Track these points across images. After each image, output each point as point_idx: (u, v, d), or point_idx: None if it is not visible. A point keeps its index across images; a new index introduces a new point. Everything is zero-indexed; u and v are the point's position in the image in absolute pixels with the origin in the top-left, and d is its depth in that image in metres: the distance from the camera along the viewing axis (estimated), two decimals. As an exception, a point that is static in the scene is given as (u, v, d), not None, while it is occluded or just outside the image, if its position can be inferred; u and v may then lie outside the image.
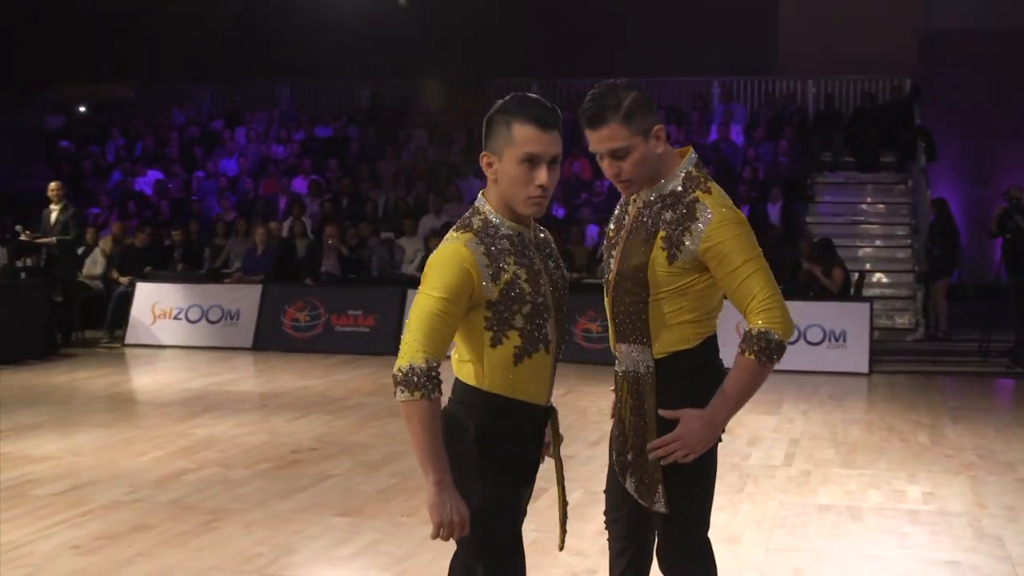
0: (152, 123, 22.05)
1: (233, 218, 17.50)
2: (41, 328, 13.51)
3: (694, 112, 20.19)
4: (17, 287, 13.59)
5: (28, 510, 6.90)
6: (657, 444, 3.59)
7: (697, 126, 19.82)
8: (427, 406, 3.24)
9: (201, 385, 11.69)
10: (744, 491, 7.58)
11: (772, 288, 3.59)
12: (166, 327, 14.67)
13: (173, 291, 14.82)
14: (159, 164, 20.56)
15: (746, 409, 10.31)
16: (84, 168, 20.52)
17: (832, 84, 20.55)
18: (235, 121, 21.78)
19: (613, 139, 3.59)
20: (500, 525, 3.43)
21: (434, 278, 3.30)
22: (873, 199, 18.44)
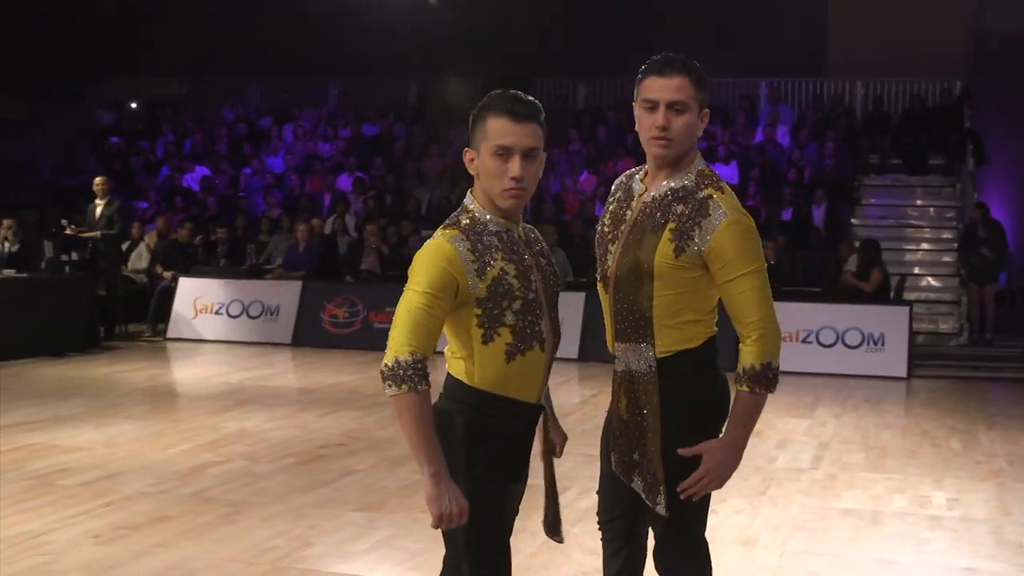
0: (202, 120, 22.27)
1: (278, 215, 17.65)
2: (84, 321, 13.68)
3: (740, 113, 20.08)
4: (61, 281, 13.78)
5: (53, 499, 7.00)
6: (687, 484, 3.59)
7: (743, 127, 19.72)
8: (415, 398, 3.25)
9: (238, 380, 11.80)
10: (766, 494, 7.54)
11: (768, 306, 3.59)
12: (207, 322, 14.82)
13: (215, 286, 14.96)
14: (207, 160, 20.76)
15: (778, 412, 10.39)
16: (133, 164, 20.76)
17: (881, 85, 20.36)
18: (284, 118, 21.94)
19: (680, 91, 3.60)
20: (486, 522, 3.42)
21: (417, 274, 3.32)
22: (921, 202, 18.25)
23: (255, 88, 23.20)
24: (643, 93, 3.70)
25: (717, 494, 7.20)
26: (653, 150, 3.71)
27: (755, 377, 3.55)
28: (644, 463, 3.75)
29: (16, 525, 6.44)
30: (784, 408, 10.95)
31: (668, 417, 3.68)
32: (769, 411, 10.52)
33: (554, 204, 17.97)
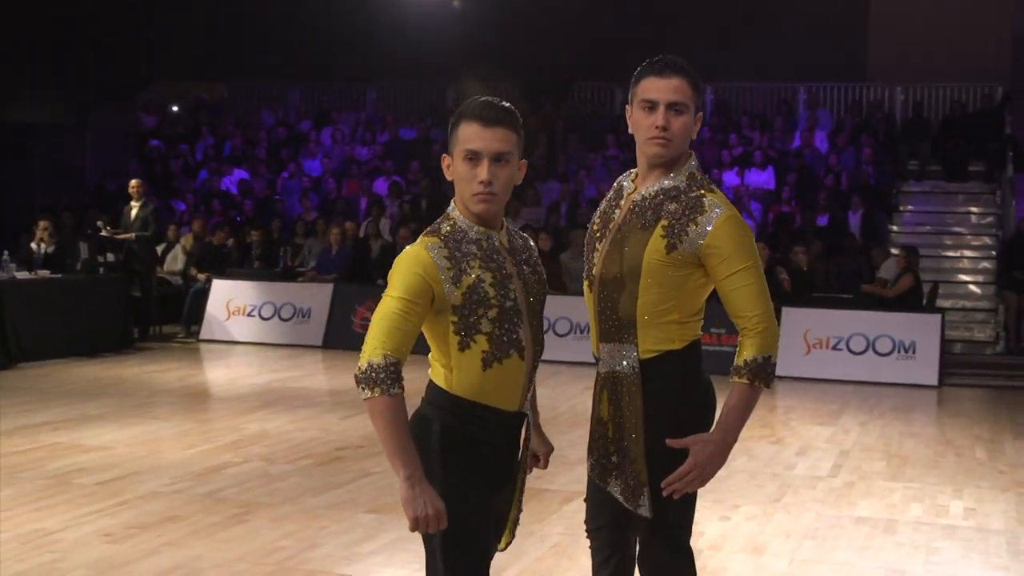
0: (242, 123, 22.44)
1: (314, 218, 17.74)
2: (118, 322, 13.81)
3: (779, 118, 19.96)
4: (96, 282, 13.93)
5: (69, 498, 7.08)
6: (673, 479, 3.56)
7: (781, 132, 19.61)
8: (388, 401, 3.25)
9: (266, 381, 11.87)
10: (781, 501, 7.49)
11: (766, 302, 3.61)
12: (240, 324, 14.93)
13: (248, 288, 15.07)
14: (246, 164, 20.91)
15: (803, 419, 10.33)
16: (172, 167, 20.94)
17: (921, 91, 20.18)
18: (323, 122, 22.07)
19: (679, 92, 3.64)
20: (460, 529, 3.39)
21: (394, 280, 3.34)
22: (960, 209, 18.07)
23: (295, 92, 23.35)
24: (641, 94, 3.71)
25: (730, 500, 7.26)
26: (651, 150, 3.71)
27: (756, 370, 3.55)
28: (624, 465, 3.74)
29: (29, 523, 6.52)
30: (809, 415, 10.88)
31: (652, 419, 3.67)
32: (793, 418, 10.56)
33: (590, 209, 17.94)
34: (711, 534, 6.67)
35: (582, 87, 22.13)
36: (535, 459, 3.88)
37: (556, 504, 7.24)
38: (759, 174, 18.53)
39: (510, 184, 3.44)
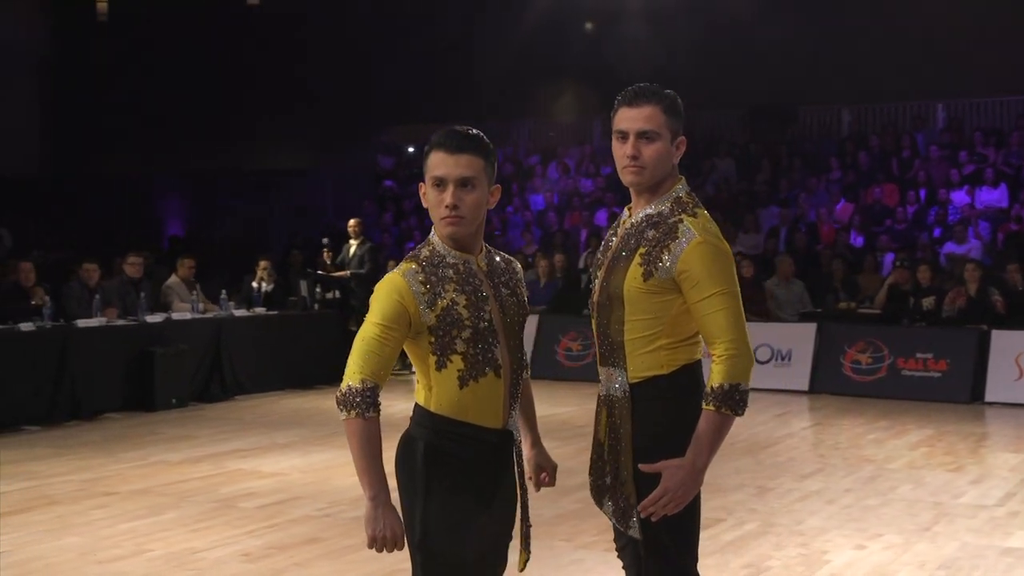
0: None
1: (533, 251, 18.08)
2: (333, 357, 14.41)
3: (1015, 132, 19.05)
4: (312, 318, 14.63)
5: (227, 520, 7.52)
6: (647, 503, 3.58)
7: (1017, 147, 18.71)
8: (362, 424, 3.44)
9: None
10: (930, 531, 7.22)
11: (739, 328, 3.59)
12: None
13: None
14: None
15: (995, 446, 9.86)
16: (405, 206, 21.73)
17: None
18: (549, 156, 22.46)
19: (649, 120, 3.69)
20: (444, 550, 3.50)
21: (373, 306, 3.52)
22: None
23: (523, 127, 23.85)
24: (615, 124, 3.80)
25: (873, 529, 7.06)
26: (626, 178, 3.80)
27: (722, 397, 3.53)
28: (616, 487, 3.78)
29: (182, 543, 6.98)
30: (1004, 443, 10.42)
31: (640, 442, 3.70)
32: (985, 445, 10.13)
33: (807, 233, 17.62)
34: (837, 563, 6.51)
35: (808, 110, 21.73)
36: (541, 475, 3.98)
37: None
38: (990, 192, 17.76)
39: (478, 208, 3.55)
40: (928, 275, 13.64)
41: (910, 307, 13.56)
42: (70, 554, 6.74)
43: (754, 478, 8.80)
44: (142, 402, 12.07)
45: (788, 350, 13.56)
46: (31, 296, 12.26)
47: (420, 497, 3.51)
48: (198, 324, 13.02)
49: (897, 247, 16.48)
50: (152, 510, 7.81)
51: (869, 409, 12.17)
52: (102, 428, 11.20)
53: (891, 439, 10.51)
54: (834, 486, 8.50)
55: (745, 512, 7.69)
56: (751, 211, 18.57)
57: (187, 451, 9.97)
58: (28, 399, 11.16)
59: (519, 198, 21.04)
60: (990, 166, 18.17)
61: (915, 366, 12.82)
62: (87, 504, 7.99)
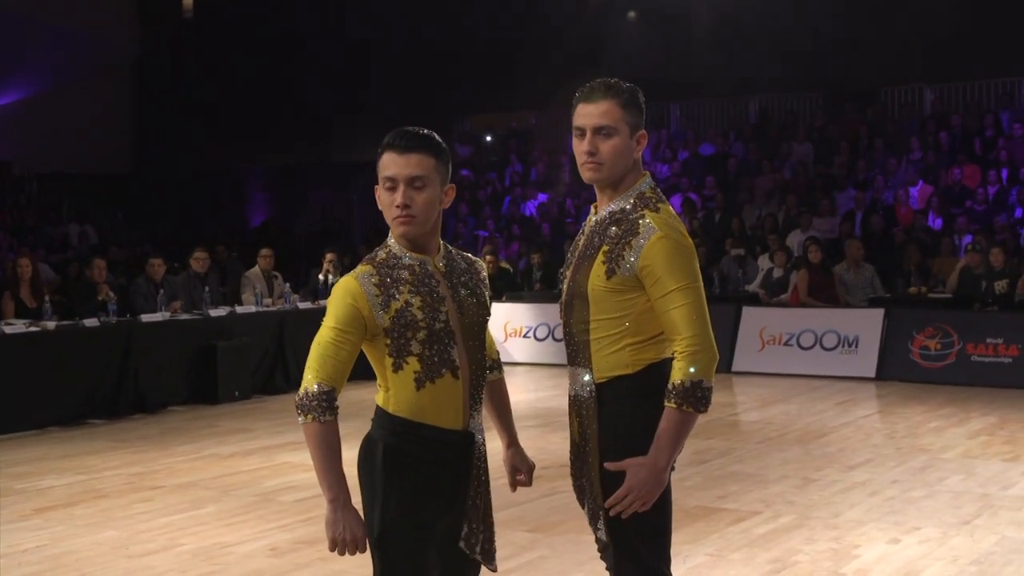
0: (547, 148, 23.03)
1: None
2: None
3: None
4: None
5: (262, 515, 7.61)
6: (612, 501, 3.56)
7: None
8: (318, 428, 3.48)
9: (517, 400, 12.18)
10: (970, 524, 7.04)
11: (701, 324, 3.53)
12: (516, 345, 15.35)
13: (524, 310, 15.48)
14: (549, 188, 21.45)
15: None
16: (479, 195, 21.77)
17: None
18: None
19: (606, 116, 3.65)
20: (402, 552, 3.52)
21: (328, 310, 3.55)
22: None
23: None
24: (574, 121, 3.77)
25: (912, 522, 6.91)
26: (585, 175, 3.77)
27: (683, 394, 3.48)
28: (588, 488, 3.75)
29: (215, 536, 7.08)
30: (1069, 430, 10.11)
31: (605, 443, 3.66)
32: (1053, 435, 9.80)
33: (884, 216, 17.27)
34: (867, 558, 6.37)
35: (890, 91, 21.28)
36: (518, 476, 3.96)
37: (724, 524, 7.10)
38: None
39: (431, 207, 3.54)
40: (1001, 258, 13.27)
41: (982, 291, 13.21)
42: (103, 548, 6.87)
43: (799, 469, 8.66)
44: (205, 395, 12.27)
45: (855, 336, 13.30)
46: (99, 292, 12.51)
47: (379, 498, 3.53)
48: (261, 317, 13.18)
49: (976, 229, 16.08)
50: (193, 504, 7.93)
51: (935, 396, 11.91)
52: (162, 422, 11.40)
53: (951, 427, 10.26)
54: (880, 477, 8.33)
55: (783, 504, 7.57)
56: (827, 195, 18.25)
57: (240, 444, 10.11)
58: (93, 393, 11.39)
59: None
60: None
61: (985, 351, 12.50)
62: (132, 498, 8.14)
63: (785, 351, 13.70)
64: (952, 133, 18.97)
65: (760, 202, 18.89)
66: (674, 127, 22.81)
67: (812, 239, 15.17)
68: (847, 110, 20.79)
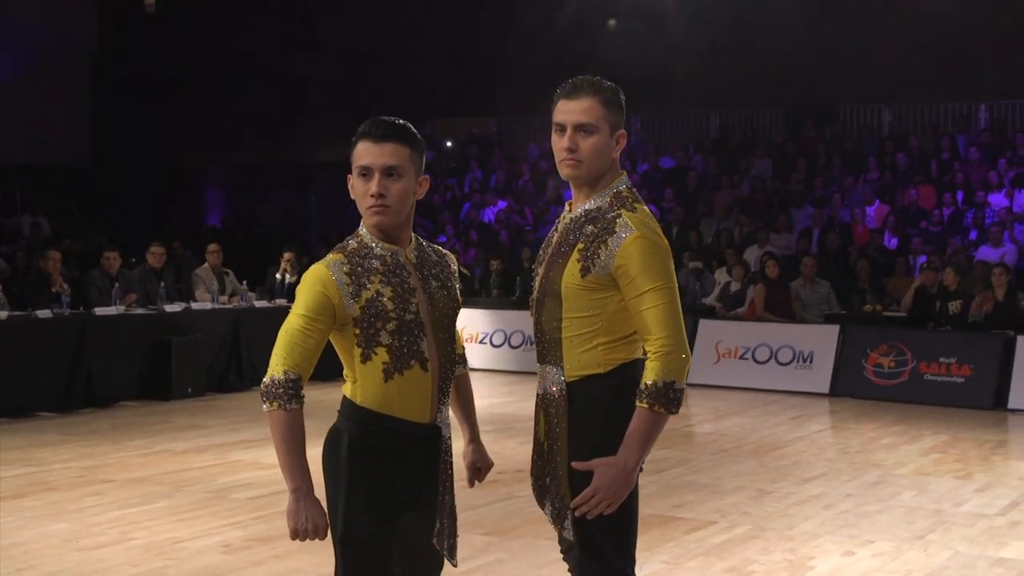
0: (508, 156, 23.03)
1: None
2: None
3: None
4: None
5: (215, 511, 7.53)
6: (579, 501, 3.53)
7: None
8: (283, 416, 3.42)
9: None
10: (924, 539, 7.08)
11: (674, 325, 3.52)
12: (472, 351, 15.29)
13: (480, 316, 15.45)
14: (509, 195, 21.45)
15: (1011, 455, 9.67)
16: (435, 201, 21.71)
17: None
18: (586, 153, 22.29)
19: (587, 113, 3.64)
20: (365, 546, 3.47)
21: (298, 297, 3.50)
22: None
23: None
24: (554, 117, 3.75)
25: (866, 535, 6.93)
26: (563, 171, 3.75)
27: (655, 394, 3.47)
28: (553, 487, 3.73)
29: (167, 532, 7.00)
30: (1021, 451, 10.22)
31: (576, 442, 3.65)
32: (1000, 453, 9.90)
33: (840, 234, 17.39)
34: (822, 569, 6.40)
35: (848, 109, 21.47)
36: (476, 473, 3.94)
37: (680, 533, 7.11)
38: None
39: (405, 197, 3.52)
40: (953, 278, 13.40)
41: (936, 311, 13.34)
42: (53, 540, 6.77)
43: (754, 481, 8.69)
44: (158, 391, 12.15)
45: (810, 352, 13.39)
46: (52, 284, 12.36)
47: (343, 490, 3.50)
48: (217, 314, 13.08)
49: (931, 250, 16.24)
50: (145, 499, 7.84)
51: (888, 413, 11.99)
52: (114, 416, 11.29)
53: (904, 444, 10.34)
54: (834, 491, 8.37)
55: (738, 515, 7.59)
56: (785, 211, 18.38)
57: (193, 440, 10.01)
58: (44, 386, 11.26)
59: (554, 194, 20.95)
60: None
61: (938, 371, 12.61)
62: (83, 491, 8.04)
63: (740, 364, 13.76)
64: (909, 154, 19.15)
65: (719, 216, 18.98)
66: (635, 139, 22.87)
67: (769, 255, 15.26)
68: (806, 127, 20.94)
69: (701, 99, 22.62)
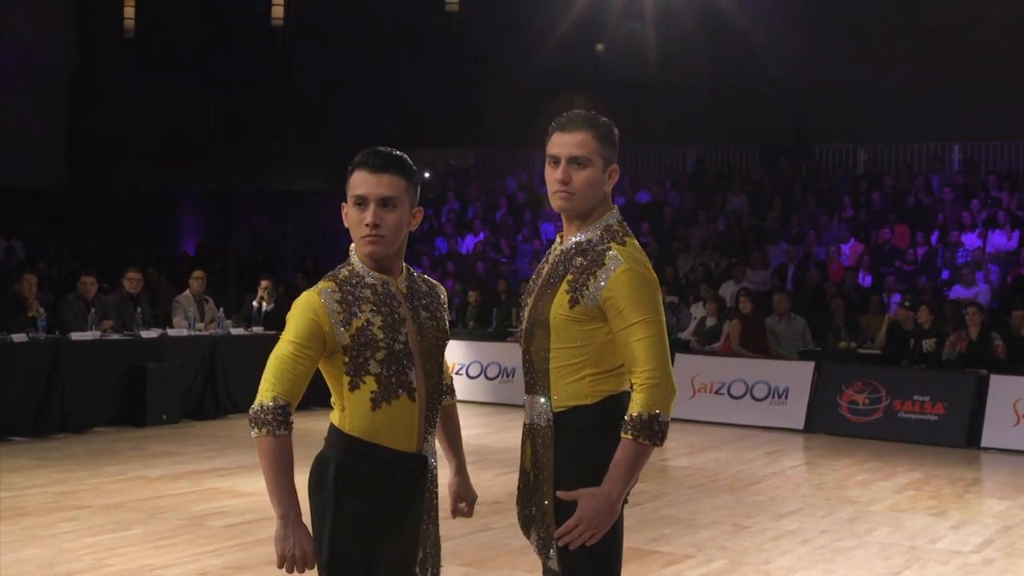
0: (485, 188, 23.09)
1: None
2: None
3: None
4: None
5: (192, 539, 7.49)
6: (562, 531, 3.53)
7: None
8: (271, 443, 3.43)
9: (450, 437, 12.10)
10: (900, 575, 7.11)
11: (661, 358, 3.54)
12: (448, 381, 15.31)
13: (457, 347, 15.43)
14: (486, 227, 21.49)
15: (983, 492, 9.73)
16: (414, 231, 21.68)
17: None
18: (563, 186, 22.37)
19: (581, 146, 3.67)
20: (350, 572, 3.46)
21: (289, 324, 3.51)
22: None
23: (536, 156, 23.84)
24: (548, 149, 3.78)
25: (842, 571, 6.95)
26: (555, 203, 3.78)
27: (640, 426, 3.49)
28: (539, 517, 3.74)
29: (142, 559, 6.95)
30: (993, 488, 10.31)
31: (561, 473, 3.66)
32: (972, 490, 9.98)
33: (818, 271, 17.51)
34: (798, 604, 6.41)
35: (824, 148, 21.65)
36: (460, 505, 3.94)
37: (657, 567, 7.12)
38: (999, 236, 17.63)
39: (399, 228, 3.55)
40: (928, 316, 13.50)
41: (910, 349, 13.43)
42: (27, 566, 6.72)
43: (730, 515, 8.71)
44: (133, 417, 12.08)
45: (785, 388, 13.45)
46: (28, 308, 12.29)
47: (329, 518, 3.49)
48: (194, 341, 13.03)
49: (904, 288, 16.36)
50: (120, 525, 7.79)
51: (862, 450, 12.05)
52: (88, 442, 11.21)
53: (878, 481, 10.39)
54: (810, 526, 8.40)
55: (715, 549, 7.61)
56: (760, 248, 18.49)
57: (168, 467, 9.96)
58: (17, 410, 11.18)
59: (530, 227, 21.03)
60: (1003, 210, 18.03)
61: (912, 408, 12.69)
62: (56, 516, 7.98)
63: (716, 399, 13.81)
64: (884, 193, 19.32)
65: (695, 251, 19.08)
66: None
67: (744, 290, 15.34)
68: (782, 165, 21.10)
69: (678, 135, 22.77)
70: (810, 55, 21.33)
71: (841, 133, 21.45)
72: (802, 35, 21.32)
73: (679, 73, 22.13)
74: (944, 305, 14.99)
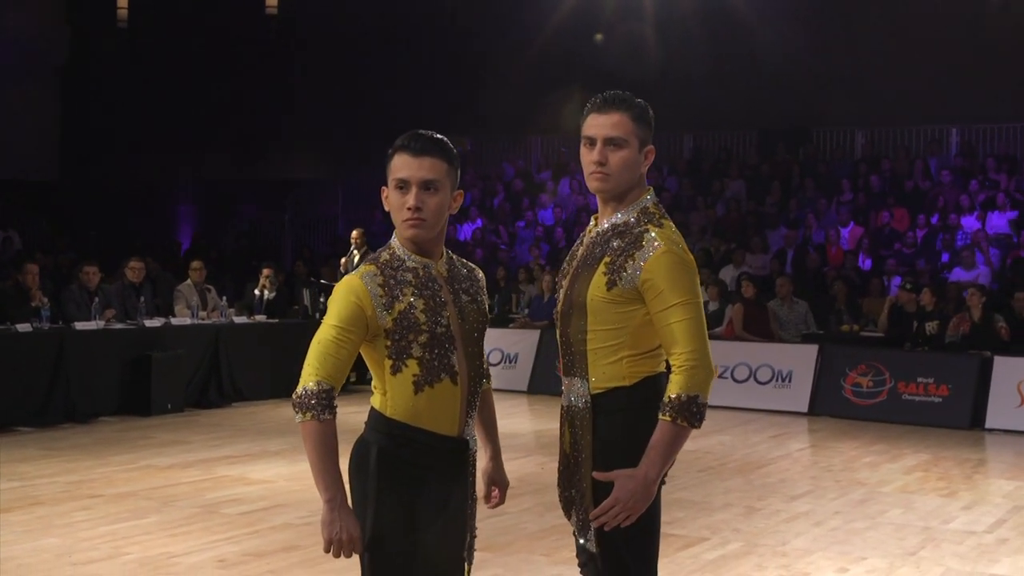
0: (482, 174, 23.07)
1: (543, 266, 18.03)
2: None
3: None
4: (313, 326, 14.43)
5: (208, 526, 7.48)
6: (598, 512, 3.53)
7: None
8: (316, 427, 3.41)
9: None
10: (916, 555, 7.13)
11: (700, 340, 3.55)
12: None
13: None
14: (484, 214, 21.48)
15: (990, 473, 9.76)
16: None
17: None
18: (561, 172, 22.42)
19: (617, 127, 3.67)
20: (392, 556, 3.45)
21: (331, 308, 3.50)
22: None
23: (536, 143, 23.83)
24: (584, 131, 3.77)
25: (858, 552, 6.97)
26: (591, 184, 3.77)
27: (679, 408, 3.50)
28: (578, 499, 3.74)
29: (160, 547, 6.94)
30: (1000, 469, 10.35)
31: (600, 454, 3.66)
32: (980, 471, 10.01)
33: (817, 254, 17.53)
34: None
35: (821, 132, 21.65)
36: (493, 491, 3.94)
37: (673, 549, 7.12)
38: (998, 217, 17.65)
39: (441, 212, 3.54)
40: (931, 298, 13.52)
41: (913, 331, 13.45)
42: (46, 555, 6.71)
43: (743, 498, 8.73)
44: (138, 406, 12.05)
45: (789, 371, 13.47)
46: (32, 298, 12.26)
47: (371, 502, 3.48)
48: (197, 330, 13.00)
49: (904, 271, 16.39)
50: (134, 513, 7.78)
51: (867, 432, 12.08)
52: (94, 431, 11.19)
53: (886, 463, 10.41)
54: (823, 508, 8.42)
55: (730, 532, 7.62)
56: (759, 232, 18.50)
57: (177, 456, 9.95)
58: (22, 400, 11.15)
59: (531, 212, 21.00)
60: (1002, 192, 18.06)
61: (916, 391, 12.72)
62: (70, 506, 7.97)
63: (719, 383, 13.81)
64: (882, 176, 19.33)
65: (694, 237, 19.07)
66: (609, 159, 22.91)
67: (745, 275, 15.34)
68: (780, 149, 21.10)
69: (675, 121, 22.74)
70: (807, 39, 21.30)
71: (839, 117, 21.43)
72: (799, 19, 21.29)
73: (676, 59, 22.09)
74: (945, 287, 15.03)
